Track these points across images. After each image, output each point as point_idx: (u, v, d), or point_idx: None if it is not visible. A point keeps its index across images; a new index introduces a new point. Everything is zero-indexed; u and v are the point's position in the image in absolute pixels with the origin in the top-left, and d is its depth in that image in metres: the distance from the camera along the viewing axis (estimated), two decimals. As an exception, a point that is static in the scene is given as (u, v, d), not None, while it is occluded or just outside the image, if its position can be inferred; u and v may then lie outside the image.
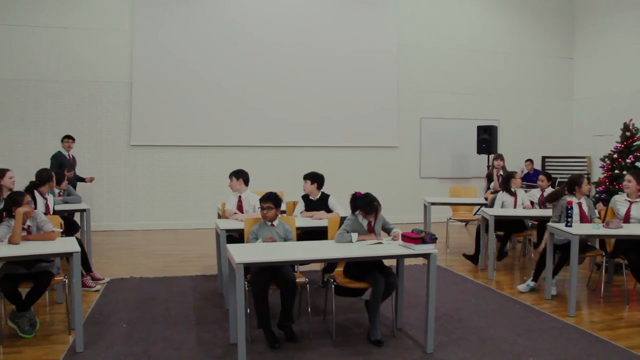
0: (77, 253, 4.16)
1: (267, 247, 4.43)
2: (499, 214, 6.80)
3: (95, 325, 4.75)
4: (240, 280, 3.77)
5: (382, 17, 11.17)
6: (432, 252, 4.15)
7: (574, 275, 5.16)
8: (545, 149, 12.26)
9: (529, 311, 5.29)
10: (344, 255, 4.24)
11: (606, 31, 11.63)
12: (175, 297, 5.69)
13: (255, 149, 10.50)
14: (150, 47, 9.94)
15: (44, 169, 6.11)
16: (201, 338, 4.47)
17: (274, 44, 10.51)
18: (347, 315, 5.09)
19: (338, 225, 4.80)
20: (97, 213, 9.49)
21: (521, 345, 4.35)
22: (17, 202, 4.42)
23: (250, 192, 6.10)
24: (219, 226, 5.37)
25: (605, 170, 8.53)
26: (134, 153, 9.95)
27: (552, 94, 12.43)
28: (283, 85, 10.59)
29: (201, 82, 10.19)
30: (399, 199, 11.04)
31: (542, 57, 12.29)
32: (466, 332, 4.65)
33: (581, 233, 5.20)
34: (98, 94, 9.80)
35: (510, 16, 12.06)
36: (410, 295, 5.54)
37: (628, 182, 5.76)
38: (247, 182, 6.10)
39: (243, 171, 6.14)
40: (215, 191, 9.94)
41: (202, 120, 10.21)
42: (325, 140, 10.89)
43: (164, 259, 7.66)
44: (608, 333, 4.68)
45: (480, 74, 11.86)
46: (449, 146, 11.75)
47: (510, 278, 6.70)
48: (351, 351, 4.21)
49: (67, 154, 8.42)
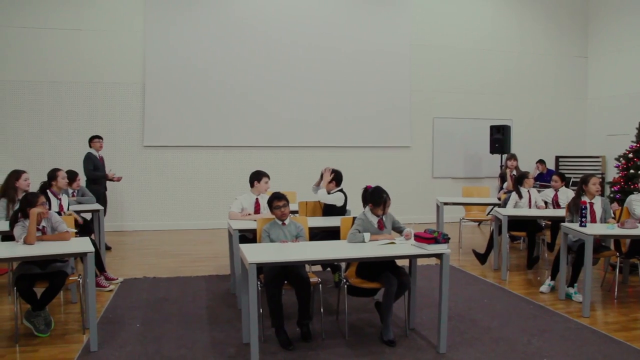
0: (90, 253, 4.20)
1: (280, 247, 4.44)
2: (511, 214, 6.77)
3: (109, 324, 4.78)
4: (252, 280, 3.78)
5: (394, 17, 11.14)
6: (445, 252, 4.14)
7: (588, 275, 5.11)
8: (559, 148, 12.17)
9: (543, 312, 5.26)
10: (357, 255, 4.23)
11: (621, 30, 11.52)
12: (188, 297, 5.71)
13: (267, 150, 10.52)
14: (163, 48, 10.00)
15: (52, 169, 6.15)
16: (214, 338, 4.49)
17: (285, 45, 10.53)
18: (359, 315, 5.08)
19: (350, 225, 4.80)
20: (111, 213, 9.55)
21: (535, 346, 4.32)
22: (32, 203, 4.47)
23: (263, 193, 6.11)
24: (232, 226, 5.38)
25: (620, 170, 8.45)
26: (147, 154, 10.01)
27: (566, 93, 12.33)
28: (295, 85, 10.60)
29: (213, 83, 10.23)
30: (412, 198, 11.02)
31: (556, 56, 12.20)
32: (479, 333, 4.63)
33: (595, 233, 5.15)
34: (111, 96, 9.87)
35: (524, 15, 11.98)
36: (423, 296, 5.52)
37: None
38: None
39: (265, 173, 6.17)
40: (227, 191, 9.97)
41: (215, 121, 10.25)
42: (337, 140, 10.88)
43: (176, 259, 7.70)
44: (623, 334, 4.64)
45: (493, 73, 11.80)
46: (462, 146, 11.69)
47: (523, 278, 6.66)
48: (364, 351, 4.21)
49: (97, 154, 8.43)
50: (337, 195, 5.99)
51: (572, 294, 5.69)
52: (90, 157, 8.30)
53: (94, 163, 8.28)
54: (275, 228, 4.78)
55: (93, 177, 8.22)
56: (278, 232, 4.76)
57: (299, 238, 4.79)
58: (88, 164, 8.23)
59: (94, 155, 8.36)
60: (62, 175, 6.05)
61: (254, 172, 6.13)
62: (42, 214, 4.48)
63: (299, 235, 4.80)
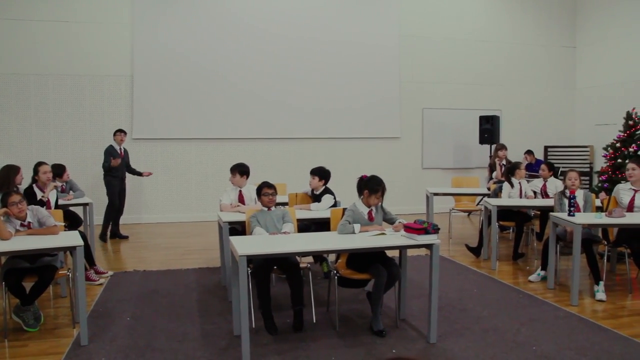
0: (80, 247, 4.18)
1: (269, 239, 4.44)
2: (501, 204, 6.80)
3: (99, 318, 4.77)
4: (243, 272, 3.77)
5: (383, 8, 11.12)
6: (435, 242, 4.15)
7: (577, 264, 5.15)
8: (548, 138, 12.23)
9: (532, 301, 5.30)
10: (347, 246, 4.24)
11: (608, 20, 11.56)
12: (179, 289, 5.71)
13: (257, 141, 10.50)
14: (151, 40, 9.92)
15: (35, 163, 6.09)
16: (205, 330, 4.49)
17: (275, 36, 10.48)
18: (350, 306, 5.10)
19: (340, 216, 4.81)
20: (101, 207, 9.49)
21: (524, 335, 4.35)
22: (3, 201, 4.47)
23: (250, 184, 6.12)
24: (222, 219, 5.38)
25: (607, 160, 8.51)
26: (136, 146, 9.94)
27: (554, 84, 12.38)
28: (284, 77, 10.56)
29: (202, 75, 10.17)
30: (402, 189, 11.03)
31: (544, 46, 12.23)
32: (469, 322, 4.66)
33: (584, 222, 5.19)
34: (99, 88, 9.79)
35: (512, 5, 11.99)
36: (413, 286, 5.55)
37: (632, 170, 5.73)
38: (248, 176, 6.12)
39: (244, 165, 6.15)
40: (217, 183, 9.95)
41: (204, 113, 10.20)
42: (327, 131, 10.87)
43: (167, 252, 7.68)
44: (611, 322, 4.69)
45: (482, 64, 11.81)
46: (451, 136, 11.72)
47: (513, 268, 6.70)
48: (354, 342, 4.22)
49: (118, 147, 8.47)
50: (328, 201, 6.00)
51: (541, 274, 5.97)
52: (109, 150, 8.37)
53: (112, 155, 8.31)
54: (263, 214, 4.91)
55: (104, 169, 8.34)
56: (265, 217, 4.88)
57: (285, 221, 4.91)
58: (107, 155, 8.29)
59: (114, 149, 8.41)
60: (44, 169, 5.94)
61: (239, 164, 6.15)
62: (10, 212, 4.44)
63: (285, 217, 4.94)
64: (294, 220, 5.08)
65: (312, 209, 5.94)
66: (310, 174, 6.17)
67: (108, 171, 8.31)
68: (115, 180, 8.40)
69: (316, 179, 6.12)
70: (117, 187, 8.46)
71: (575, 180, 5.87)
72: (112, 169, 8.28)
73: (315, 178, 6.12)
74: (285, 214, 5.00)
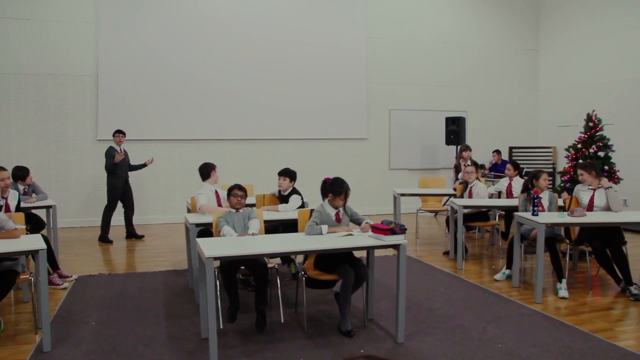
0: (42, 250, 4.08)
1: (237, 241, 4.42)
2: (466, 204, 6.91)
3: (63, 323, 4.67)
4: (210, 274, 3.75)
5: (350, 10, 11.17)
6: (401, 242, 4.19)
7: (540, 263, 5.27)
8: (512, 139, 12.45)
9: (498, 299, 5.39)
10: (315, 247, 4.24)
11: (570, 24, 11.84)
12: (146, 293, 5.63)
13: (224, 142, 10.43)
14: (117, 39, 9.76)
15: None
16: (172, 333, 4.44)
17: (242, 36, 10.43)
18: (318, 307, 5.11)
19: (308, 217, 4.82)
20: (64, 209, 9.33)
21: (490, 333, 4.43)
22: None
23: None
24: (189, 220, 5.33)
25: (569, 160, 8.70)
26: (102, 148, 9.73)
27: (519, 86, 12.62)
28: (251, 78, 10.51)
29: (170, 75, 10.06)
30: (369, 190, 11.11)
31: (509, 49, 12.46)
32: (436, 321, 4.71)
33: (547, 222, 5.31)
34: (63, 88, 9.58)
35: (478, 9, 12.18)
36: (381, 286, 5.59)
37: (581, 176, 6.01)
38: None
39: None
40: (184, 185, 9.86)
41: (171, 114, 10.09)
42: (295, 132, 10.87)
43: (133, 254, 7.58)
44: (573, 318, 4.80)
45: (448, 66, 11.97)
46: (418, 137, 11.84)
47: (479, 267, 6.80)
48: (323, 342, 4.23)
49: (118, 149, 8.45)
50: (296, 202, 6.01)
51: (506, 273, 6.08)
52: (110, 151, 8.37)
53: (113, 157, 8.30)
54: (230, 215, 4.92)
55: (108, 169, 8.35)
56: (233, 218, 4.89)
57: (252, 219, 4.92)
58: (108, 158, 8.31)
59: (115, 150, 8.39)
60: (2, 176, 5.58)
61: (206, 164, 6.10)
62: None
63: (250, 215, 4.95)
64: (262, 222, 5.06)
65: (280, 210, 5.94)
66: (279, 175, 6.16)
67: (111, 172, 8.34)
68: (119, 182, 8.41)
69: (287, 180, 6.11)
70: (121, 190, 8.48)
71: (548, 182, 6.06)
72: (115, 170, 8.31)
73: (286, 179, 6.11)
74: (251, 213, 5.01)
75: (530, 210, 5.62)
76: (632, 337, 4.40)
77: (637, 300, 5.33)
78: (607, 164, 8.24)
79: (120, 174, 8.40)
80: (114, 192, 8.43)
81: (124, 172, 8.51)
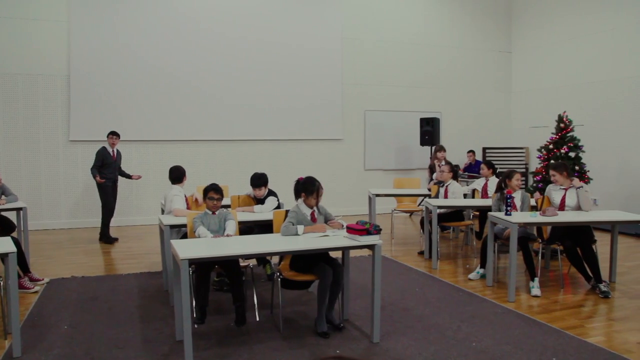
0: (12, 253, 4.01)
1: (212, 242, 4.39)
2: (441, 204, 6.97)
3: (34, 328, 4.59)
4: (185, 276, 3.72)
5: (325, 11, 11.19)
6: (377, 243, 4.21)
7: (513, 262, 5.34)
8: (486, 140, 12.60)
9: (472, 298, 5.45)
10: (290, 248, 4.23)
11: (540, 27, 12.04)
12: (119, 295, 5.57)
13: (199, 143, 10.36)
14: (90, 38, 9.61)
15: None
16: (146, 336, 4.40)
17: (216, 37, 10.37)
18: (294, 308, 5.10)
19: (283, 218, 4.82)
20: (36, 211, 9.17)
21: (464, 332, 4.47)
22: None
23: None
24: (163, 222, 5.29)
25: (541, 161, 8.82)
26: (74, 149, 9.64)
27: (492, 87, 12.78)
28: (226, 78, 10.46)
29: (143, 75, 9.94)
30: (344, 191, 11.14)
31: (483, 51, 12.61)
32: (411, 321, 4.75)
33: (520, 221, 5.39)
34: (33, 88, 9.41)
35: (453, 11, 12.30)
36: (356, 286, 5.60)
37: (553, 177, 6.10)
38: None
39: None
40: (158, 186, 9.76)
41: (144, 114, 9.98)
42: (270, 133, 10.84)
43: (106, 256, 7.48)
44: (545, 316, 4.88)
45: (423, 67, 12.07)
46: (393, 138, 11.91)
47: (453, 267, 6.87)
48: (298, 343, 4.23)
49: (111, 150, 8.43)
50: (272, 203, 5.99)
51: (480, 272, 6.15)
52: (101, 152, 8.36)
53: (103, 159, 8.31)
54: (206, 217, 4.90)
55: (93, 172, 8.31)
56: (209, 220, 4.88)
57: (228, 221, 4.91)
58: (97, 158, 8.33)
59: (106, 151, 8.38)
60: None
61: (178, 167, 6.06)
62: None
63: (226, 217, 4.94)
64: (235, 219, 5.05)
65: (255, 211, 5.92)
66: (253, 187, 6.03)
67: (99, 173, 8.30)
68: (107, 183, 8.39)
69: (262, 189, 6.02)
70: (110, 189, 8.46)
71: (520, 182, 6.14)
72: (102, 171, 8.29)
73: (262, 188, 6.01)
74: (228, 214, 5.00)
75: (503, 210, 5.70)
76: (601, 333, 4.50)
77: (606, 298, 5.44)
78: (578, 164, 8.37)
79: (108, 175, 8.36)
80: (104, 193, 8.40)
81: (113, 174, 8.48)
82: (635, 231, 8.59)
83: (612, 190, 10.11)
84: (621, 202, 9.86)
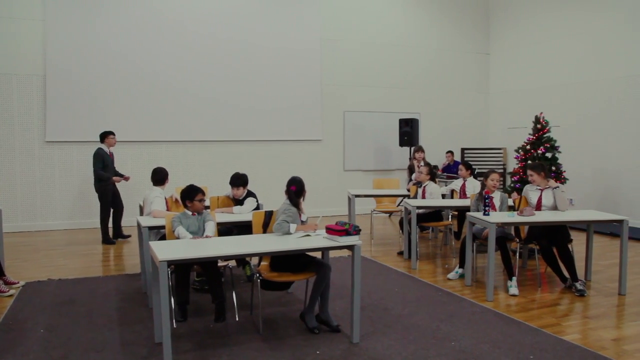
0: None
1: (191, 243, 4.37)
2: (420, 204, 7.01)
3: (9, 332, 4.51)
4: (163, 278, 3.69)
5: (303, 12, 11.19)
6: (356, 243, 4.22)
7: (492, 261, 5.39)
8: (464, 140, 12.72)
9: (451, 298, 5.49)
10: (270, 249, 4.22)
11: (517, 28, 12.19)
12: (97, 298, 5.50)
13: (178, 144, 10.30)
14: (66, 37, 9.48)
15: None
16: (125, 339, 4.35)
17: (195, 37, 10.31)
18: (274, 309, 5.09)
19: (262, 219, 4.84)
20: (11, 213, 9.03)
21: (443, 331, 4.50)
22: None
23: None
24: (141, 223, 5.24)
25: (519, 161, 8.94)
26: (50, 150, 9.51)
27: (470, 88, 12.90)
28: (205, 79, 10.41)
29: (121, 75, 9.85)
30: (324, 191, 11.15)
31: (461, 52, 12.72)
32: (391, 321, 4.77)
33: (498, 221, 5.45)
34: (8, 88, 9.26)
35: (431, 12, 12.39)
36: (336, 287, 5.60)
37: (531, 177, 6.17)
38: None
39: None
40: (137, 187, 9.66)
41: (122, 115, 9.87)
42: (249, 134, 10.81)
43: (84, 259, 7.39)
44: (522, 314, 4.94)
45: (402, 69, 12.14)
46: (372, 139, 11.96)
47: (432, 267, 6.91)
48: (278, 345, 4.22)
49: (108, 150, 8.35)
50: (251, 204, 6.01)
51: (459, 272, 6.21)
52: (100, 153, 8.27)
53: (104, 160, 8.23)
54: (185, 218, 4.88)
55: (99, 176, 8.23)
56: (188, 221, 4.86)
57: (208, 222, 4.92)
58: (97, 161, 8.25)
59: (105, 152, 8.29)
60: None
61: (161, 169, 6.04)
62: None
63: (205, 218, 4.94)
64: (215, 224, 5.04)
65: (234, 212, 5.90)
66: (232, 185, 6.06)
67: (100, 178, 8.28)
68: (108, 184, 8.33)
69: (241, 189, 6.05)
70: (111, 192, 8.40)
71: (497, 182, 6.19)
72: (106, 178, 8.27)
73: (240, 188, 6.04)
74: (207, 215, 5.00)
75: (482, 210, 5.76)
76: (577, 330, 4.57)
77: (582, 296, 5.53)
78: (554, 165, 8.50)
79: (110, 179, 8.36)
80: (105, 196, 8.35)
81: (112, 174, 8.43)
82: (610, 230, 8.74)
83: (588, 190, 10.27)
84: (597, 202, 10.03)
